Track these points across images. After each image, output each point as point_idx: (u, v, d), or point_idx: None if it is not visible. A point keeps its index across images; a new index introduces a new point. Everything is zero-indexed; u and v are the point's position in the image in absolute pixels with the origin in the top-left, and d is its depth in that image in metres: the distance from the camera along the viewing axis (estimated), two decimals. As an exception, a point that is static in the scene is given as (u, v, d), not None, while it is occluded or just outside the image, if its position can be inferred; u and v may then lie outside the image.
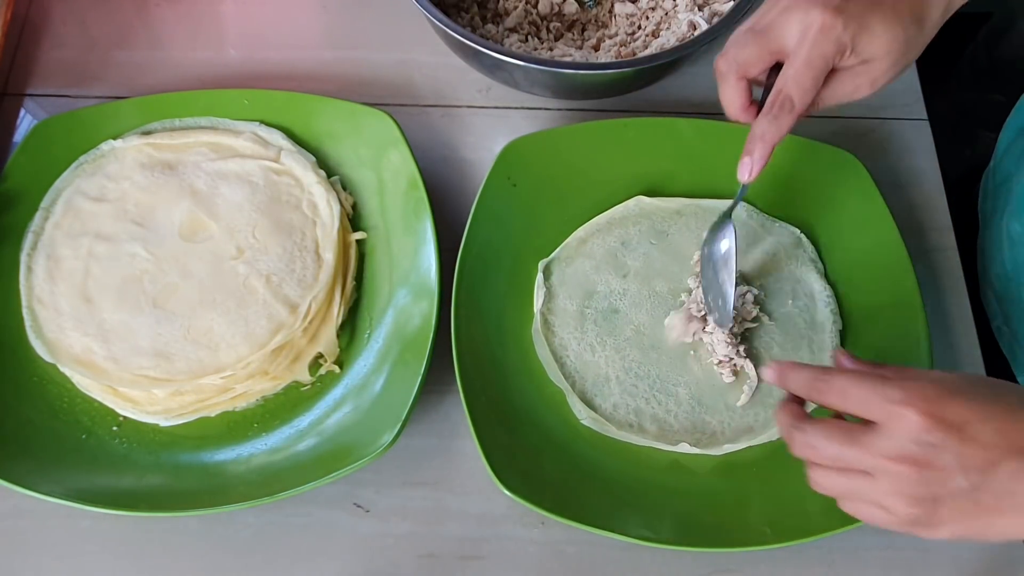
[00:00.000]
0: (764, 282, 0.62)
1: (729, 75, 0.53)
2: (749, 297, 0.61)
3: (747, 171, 0.53)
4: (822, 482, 0.45)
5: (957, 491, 0.41)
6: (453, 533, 0.57)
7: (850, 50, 0.50)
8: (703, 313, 0.60)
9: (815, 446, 0.44)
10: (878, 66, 0.51)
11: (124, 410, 0.58)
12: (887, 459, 0.42)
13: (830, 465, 0.44)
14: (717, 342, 0.59)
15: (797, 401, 0.48)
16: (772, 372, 0.48)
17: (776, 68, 0.52)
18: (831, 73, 0.51)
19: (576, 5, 0.74)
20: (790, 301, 0.62)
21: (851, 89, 0.52)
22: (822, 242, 0.64)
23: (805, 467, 0.45)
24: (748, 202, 0.65)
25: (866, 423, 0.43)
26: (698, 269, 0.62)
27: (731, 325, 0.58)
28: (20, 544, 0.56)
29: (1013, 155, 0.70)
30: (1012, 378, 0.68)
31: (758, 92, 0.54)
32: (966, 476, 0.41)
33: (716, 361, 0.59)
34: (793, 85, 0.50)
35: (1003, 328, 0.68)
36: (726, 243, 0.59)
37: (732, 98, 0.53)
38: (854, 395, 0.43)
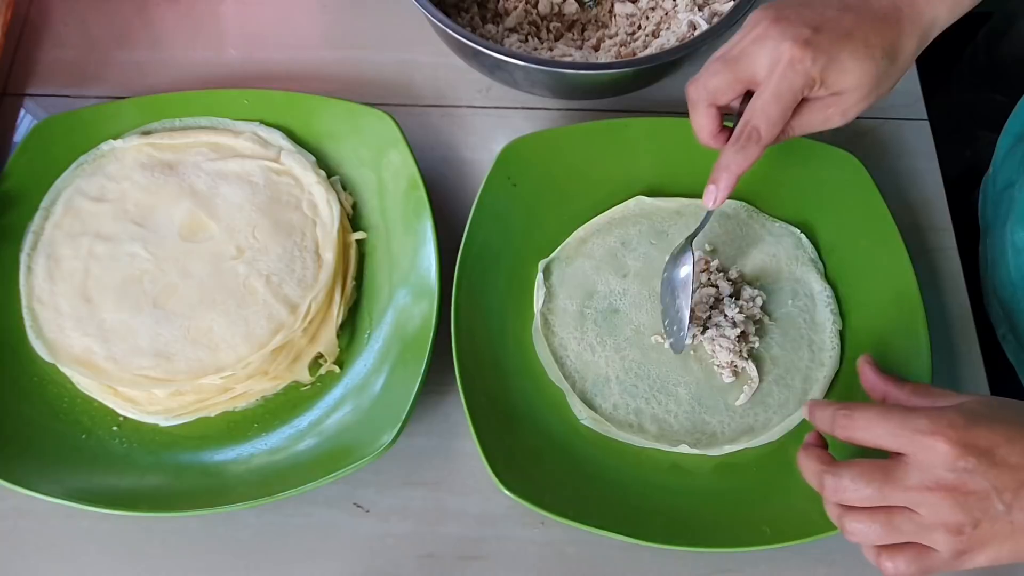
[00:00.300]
0: (764, 282, 0.62)
1: (699, 102, 0.54)
2: (759, 301, 0.61)
3: (711, 199, 0.54)
4: (859, 529, 0.44)
5: (995, 514, 0.42)
6: (453, 533, 0.57)
7: (819, 83, 0.50)
8: (706, 315, 0.60)
9: (848, 488, 0.44)
10: (849, 98, 0.51)
11: (124, 410, 0.58)
12: (924, 490, 0.42)
13: (865, 505, 0.44)
14: (719, 349, 0.59)
15: (819, 444, 0.48)
16: (804, 410, 0.49)
17: (748, 95, 0.52)
18: (802, 103, 0.51)
19: (576, 5, 0.74)
20: (790, 301, 0.62)
21: (822, 119, 0.52)
22: (822, 242, 0.64)
23: (836, 519, 0.45)
24: (748, 202, 0.65)
25: (893, 456, 0.43)
26: (698, 269, 0.62)
27: (684, 349, 0.59)
28: (20, 544, 0.56)
29: (1013, 161, 0.70)
30: (1018, 386, 0.67)
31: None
32: (1000, 498, 0.41)
33: (717, 363, 0.59)
34: (760, 117, 0.51)
35: (1008, 336, 0.67)
36: (685, 269, 0.59)
37: (702, 125, 0.54)
38: (881, 429, 0.44)
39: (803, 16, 0.50)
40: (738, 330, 0.59)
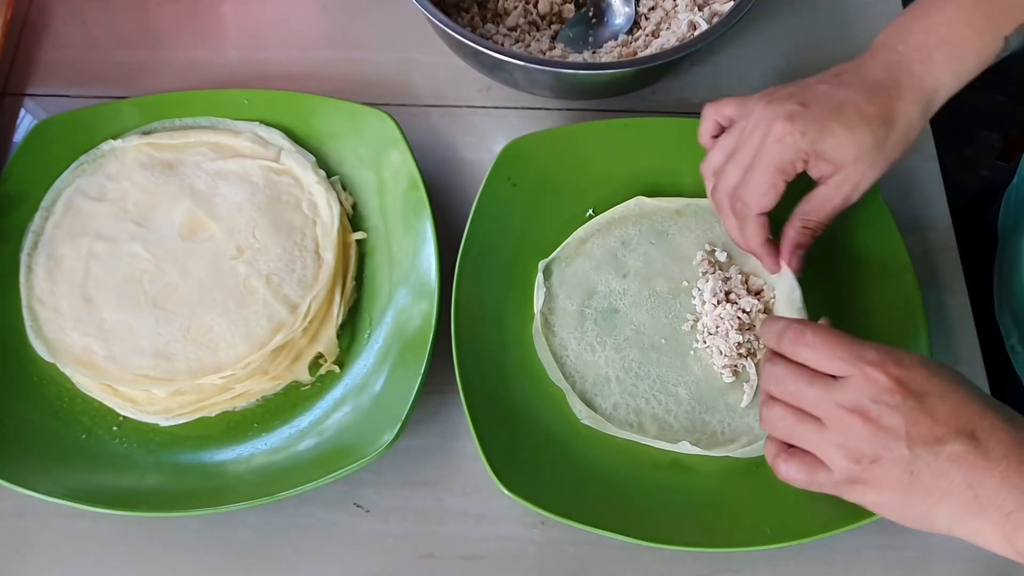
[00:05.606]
0: (764, 281, 0.62)
1: (725, 205, 0.55)
2: (758, 301, 0.61)
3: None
4: (773, 419, 0.46)
5: (897, 458, 0.42)
6: (453, 533, 0.57)
7: (815, 156, 0.51)
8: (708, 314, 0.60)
9: (780, 379, 0.46)
10: (855, 171, 0.52)
11: (124, 410, 0.58)
12: (841, 408, 0.43)
13: (788, 401, 0.46)
14: (719, 348, 0.59)
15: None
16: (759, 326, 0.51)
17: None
18: (818, 186, 0.53)
19: (574, 8, 0.74)
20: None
21: (839, 198, 0.53)
22: (821, 241, 0.64)
23: (760, 405, 0.47)
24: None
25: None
26: (700, 271, 0.62)
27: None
28: (20, 544, 0.56)
29: None
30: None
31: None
32: (910, 445, 0.42)
33: (717, 363, 0.59)
34: (747, 191, 0.53)
35: (1017, 348, 0.67)
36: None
37: (734, 228, 0.56)
38: (825, 348, 0.45)
39: (793, 94, 0.52)
40: (738, 330, 0.59)
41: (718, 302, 0.60)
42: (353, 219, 0.65)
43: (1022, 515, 0.41)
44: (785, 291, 0.59)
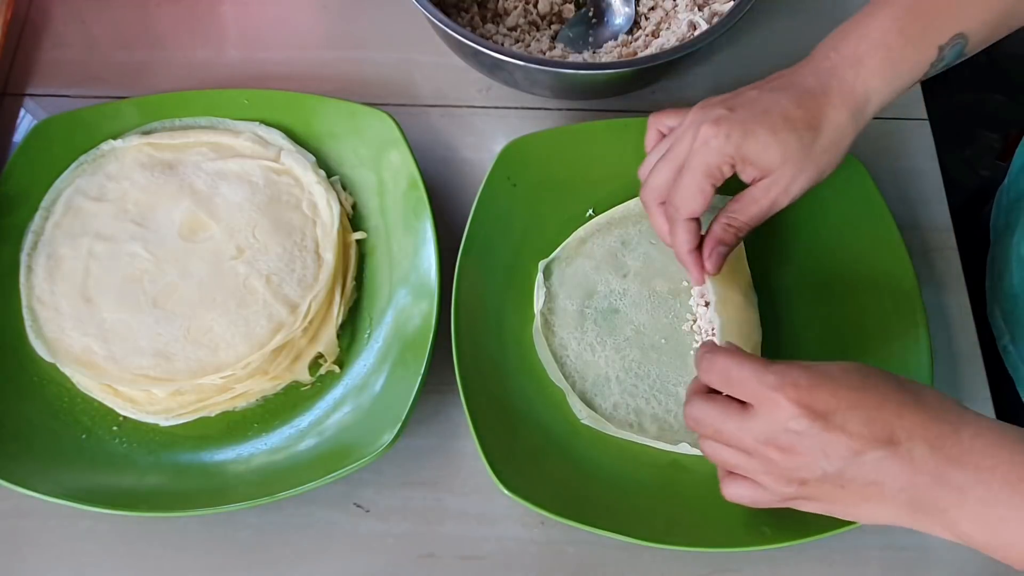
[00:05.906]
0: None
1: (651, 204, 0.55)
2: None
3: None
4: (710, 452, 0.47)
5: (823, 476, 0.43)
6: (453, 533, 0.57)
7: (741, 160, 0.50)
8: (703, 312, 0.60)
9: (699, 421, 0.46)
10: (783, 175, 0.51)
11: (124, 410, 0.58)
12: (760, 443, 0.44)
13: (713, 439, 0.46)
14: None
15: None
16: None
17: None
18: (748, 189, 0.53)
19: (574, 8, 0.74)
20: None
21: (766, 201, 0.53)
22: (822, 241, 0.64)
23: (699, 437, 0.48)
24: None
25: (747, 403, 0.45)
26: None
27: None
28: (20, 544, 0.56)
29: None
30: (1018, 400, 0.67)
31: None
32: (829, 462, 0.42)
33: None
34: (676, 194, 0.53)
35: (1009, 348, 0.67)
36: None
37: (659, 226, 0.56)
38: (735, 376, 0.45)
39: (724, 100, 0.52)
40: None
41: (707, 304, 0.60)
42: (353, 219, 0.65)
43: (958, 511, 0.41)
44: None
